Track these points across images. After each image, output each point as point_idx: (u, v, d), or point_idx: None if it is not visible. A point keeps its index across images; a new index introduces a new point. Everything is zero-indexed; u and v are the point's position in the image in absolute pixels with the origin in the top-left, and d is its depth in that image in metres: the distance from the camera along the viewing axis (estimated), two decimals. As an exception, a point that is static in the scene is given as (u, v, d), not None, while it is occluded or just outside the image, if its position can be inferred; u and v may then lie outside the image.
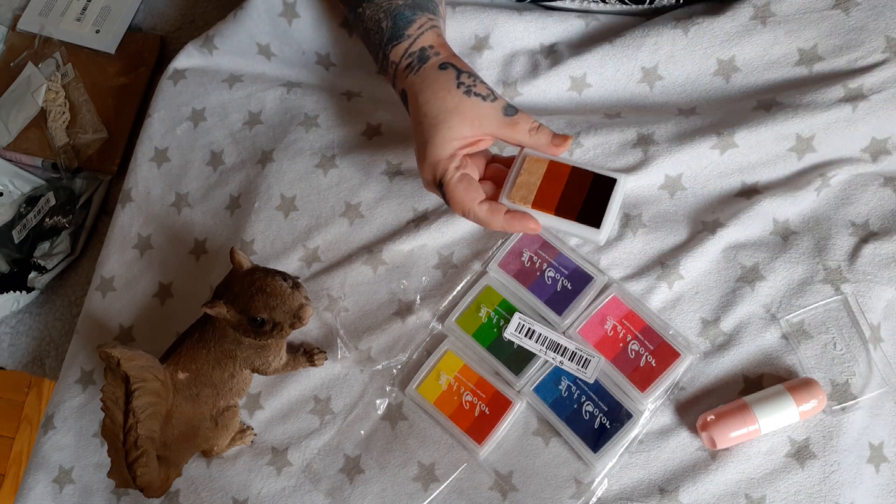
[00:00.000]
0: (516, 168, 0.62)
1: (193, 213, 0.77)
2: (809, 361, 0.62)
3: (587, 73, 0.73)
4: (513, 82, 0.74)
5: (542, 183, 0.61)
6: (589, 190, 0.60)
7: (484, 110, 0.61)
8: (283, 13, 0.78)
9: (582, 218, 0.60)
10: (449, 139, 0.61)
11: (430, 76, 0.63)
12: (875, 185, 0.66)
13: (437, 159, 0.61)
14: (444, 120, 0.61)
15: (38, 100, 0.91)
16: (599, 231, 0.59)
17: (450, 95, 0.61)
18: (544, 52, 0.75)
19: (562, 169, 0.62)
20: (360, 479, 0.65)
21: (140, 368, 0.60)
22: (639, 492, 0.61)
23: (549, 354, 0.65)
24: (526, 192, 0.61)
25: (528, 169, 0.62)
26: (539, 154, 0.62)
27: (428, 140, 0.61)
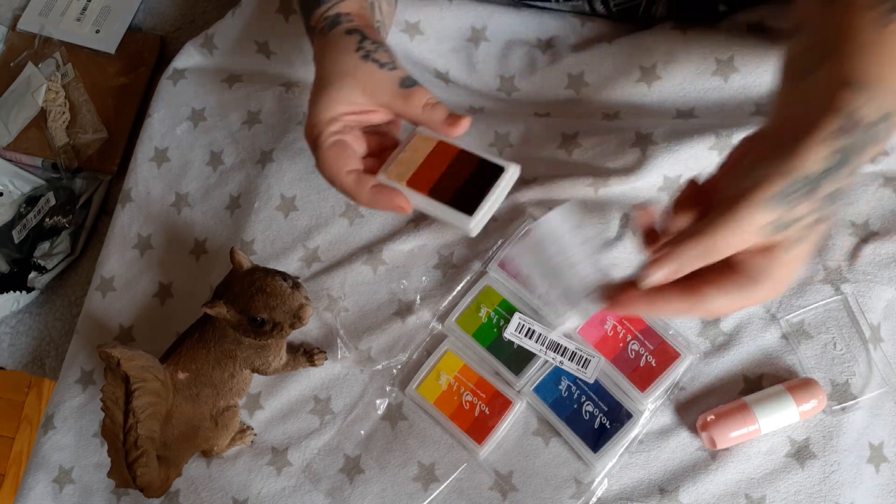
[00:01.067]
0: (402, 144, 0.57)
1: (193, 213, 0.77)
2: (809, 361, 0.62)
3: (585, 70, 0.73)
4: (510, 77, 0.74)
5: (423, 162, 0.56)
6: (472, 175, 0.55)
7: (378, 77, 0.56)
8: (279, 9, 0.78)
9: (455, 203, 0.54)
10: (334, 100, 0.56)
11: (334, 40, 0.59)
12: (875, 185, 0.66)
13: (317, 119, 0.56)
14: (334, 81, 0.56)
15: (38, 100, 0.91)
16: (471, 219, 0.53)
17: (346, 58, 0.57)
18: (542, 46, 0.75)
19: (449, 150, 0.56)
20: (360, 479, 0.65)
21: (140, 368, 0.60)
22: (639, 492, 0.61)
23: (549, 354, 0.65)
24: (404, 169, 0.56)
25: (414, 146, 0.57)
26: (432, 134, 0.56)
27: (314, 100, 0.57)
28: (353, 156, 0.56)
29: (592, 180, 0.68)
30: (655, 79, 0.72)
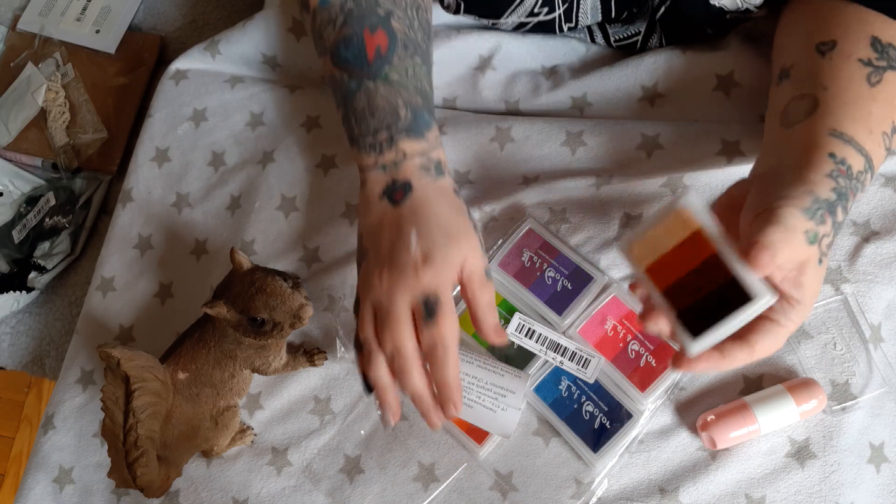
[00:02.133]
0: (659, 215, 0.50)
1: (194, 213, 0.77)
2: (809, 361, 0.63)
3: (587, 92, 0.73)
4: (514, 101, 0.75)
5: (673, 250, 0.50)
6: (716, 290, 0.48)
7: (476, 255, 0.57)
8: (292, 28, 0.78)
9: (685, 316, 0.49)
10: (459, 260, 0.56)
11: (448, 193, 0.60)
12: (876, 185, 0.66)
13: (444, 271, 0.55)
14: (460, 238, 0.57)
15: (38, 100, 0.91)
16: (693, 342, 0.49)
17: (465, 221, 0.58)
18: (545, 73, 0.76)
19: (704, 247, 0.49)
20: (360, 479, 0.65)
21: (140, 368, 0.60)
22: (639, 492, 0.61)
23: (550, 354, 0.65)
24: (649, 251, 0.50)
25: (669, 225, 0.50)
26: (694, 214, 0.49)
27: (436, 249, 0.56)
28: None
29: (595, 179, 0.69)
30: (657, 96, 0.72)
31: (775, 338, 0.52)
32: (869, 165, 0.54)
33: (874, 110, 0.55)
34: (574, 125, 0.72)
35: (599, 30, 0.75)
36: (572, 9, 0.71)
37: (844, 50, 0.56)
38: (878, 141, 0.55)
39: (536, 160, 0.71)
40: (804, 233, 0.48)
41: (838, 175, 0.52)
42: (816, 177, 0.51)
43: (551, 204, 0.69)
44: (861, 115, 0.55)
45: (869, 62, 0.56)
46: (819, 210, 0.50)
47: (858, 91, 0.55)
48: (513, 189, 0.70)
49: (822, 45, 0.58)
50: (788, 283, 0.50)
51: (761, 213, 0.49)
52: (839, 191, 0.52)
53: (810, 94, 0.56)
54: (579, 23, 0.73)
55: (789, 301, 0.51)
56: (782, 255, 0.47)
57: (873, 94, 0.55)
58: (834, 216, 0.51)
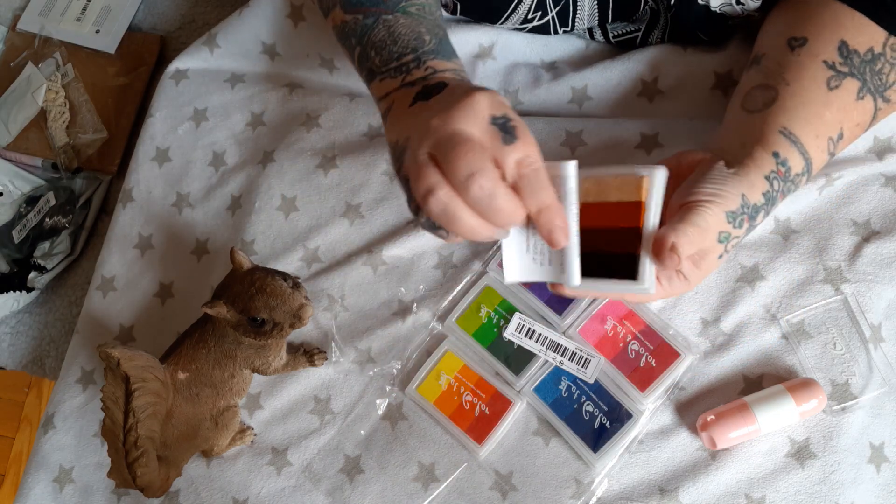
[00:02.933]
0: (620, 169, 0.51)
1: (194, 213, 0.77)
2: (809, 361, 0.62)
3: (588, 84, 0.73)
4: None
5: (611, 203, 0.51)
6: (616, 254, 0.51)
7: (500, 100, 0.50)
8: (290, 14, 0.78)
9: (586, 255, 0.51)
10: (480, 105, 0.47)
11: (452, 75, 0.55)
12: (877, 184, 0.66)
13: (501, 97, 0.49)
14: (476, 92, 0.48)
15: (38, 100, 0.91)
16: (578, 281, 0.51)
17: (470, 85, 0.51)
18: (545, 66, 0.76)
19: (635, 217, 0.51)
20: (360, 479, 0.65)
21: (140, 368, 0.60)
22: (639, 492, 0.61)
23: (549, 354, 0.65)
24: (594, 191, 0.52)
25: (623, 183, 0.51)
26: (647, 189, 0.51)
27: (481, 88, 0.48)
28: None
29: None
30: (657, 93, 0.72)
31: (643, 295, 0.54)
32: (807, 168, 0.57)
33: (826, 115, 0.57)
34: (573, 124, 0.72)
35: (598, 27, 0.75)
36: (568, 13, 0.72)
37: (813, 49, 0.58)
38: (823, 146, 0.57)
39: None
40: (718, 232, 0.52)
41: (775, 177, 0.55)
42: (754, 177, 0.55)
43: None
44: (813, 117, 0.57)
45: (833, 66, 0.57)
46: (742, 216, 0.53)
47: (816, 93, 0.57)
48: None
49: (793, 39, 0.59)
50: (687, 263, 0.54)
51: (687, 204, 0.52)
52: (769, 196, 0.55)
53: (773, 86, 0.58)
54: (576, 27, 0.74)
55: (677, 274, 0.55)
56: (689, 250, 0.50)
57: (829, 99, 0.57)
58: (753, 221, 0.55)
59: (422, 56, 0.56)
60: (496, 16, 0.73)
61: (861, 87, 0.57)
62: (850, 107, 0.57)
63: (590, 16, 0.72)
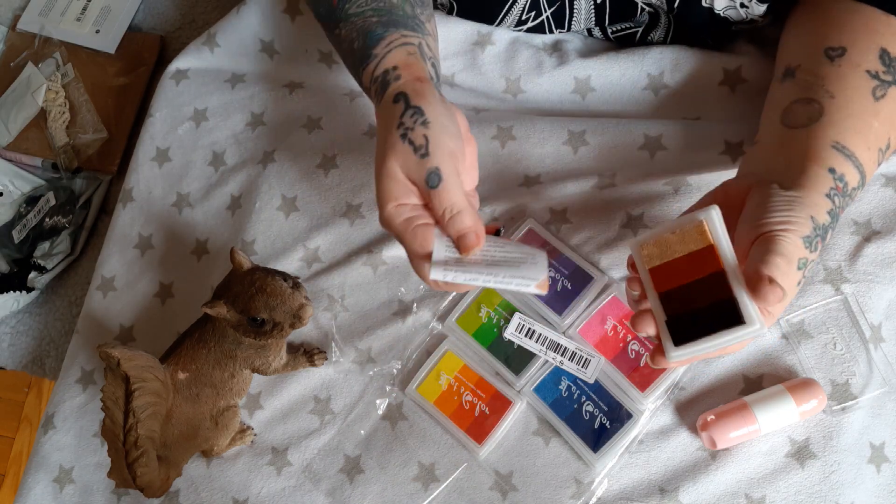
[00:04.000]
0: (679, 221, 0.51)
1: (194, 213, 0.77)
2: (809, 361, 0.62)
3: (592, 75, 0.73)
4: (516, 78, 0.74)
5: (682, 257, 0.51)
6: (711, 306, 0.49)
7: (412, 164, 0.53)
8: (286, 9, 0.78)
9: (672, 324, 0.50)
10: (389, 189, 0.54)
11: (385, 110, 0.56)
12: (877, 184, 0.66)
13: (386, 213, 0.54)
14: (383, 164, 0.54)
15: (38, 100, 0.91)
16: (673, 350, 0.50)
17: (390, 136, 0.54)
18: (548, 50, 0.75)
19: (711, 261, 0.50)
20: (360, 479, 0.65)
21: (140, 368, 0.60)
22: (639, 492, 0.61)
23: (550, 354, 0.65)
24: (659, 252, 0.51)
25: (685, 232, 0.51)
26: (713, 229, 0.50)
27: (376, 182, 0.55)
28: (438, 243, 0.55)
29: (597, 179, 0.68)
30: (662, 87, 0.72)
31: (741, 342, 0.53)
32: (862, 181, 0.56)
33: (875, 125, 0.56)
34: (576, 124, 0.71)
35: (596, 27, 0.74)
36: (564, 16, 0.71)
37: (853, 58, 0.57)
38: (874, 158, 0.56)
39: (538, 159, 0.71)
40: (798, 259, 0.50)
41: (835, 194, 0.53)
42: (817, 197, 0.52)
43: (552, 204, 0.69)
44: (863, 128, 0.55)
45: (876, 75, 0.56)
46: (816, 238, 0.51)
47: (863, 104, 0.56)
48: (514, 189, 0.70)
49: (831, 49, 0.58)
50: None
51: (764, 235, 0.50)
52: (833, 213, 0.53)
53: (817, 100, 0.57)
54: (572, 28, 0.73)
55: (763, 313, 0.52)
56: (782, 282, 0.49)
57: (876, 109, 0.56)
58: (824, 241, 0.53)
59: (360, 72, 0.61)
60: (491, 17, 0.72)
61: None
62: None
63: (586, 18, 0.72)
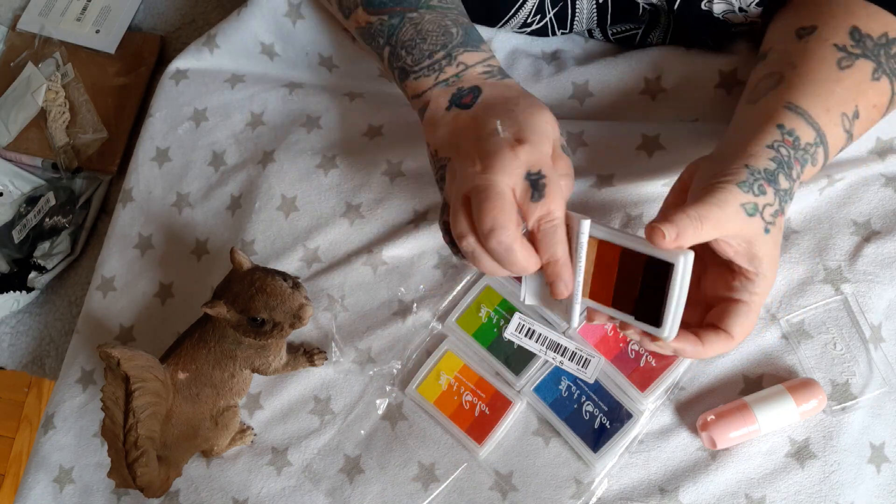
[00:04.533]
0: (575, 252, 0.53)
1: (194, 213, 0.77)
2: (809, 361, 0.62)
3: (589, 80, 0.73)
4: None
5: (595, 270, 0.53)
6: (644, 277, 0.51)
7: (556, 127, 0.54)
8: (287, 13, 0.78)
9: (640, 314, 0.52)
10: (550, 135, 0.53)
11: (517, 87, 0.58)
12: (877, 184, 0.66)
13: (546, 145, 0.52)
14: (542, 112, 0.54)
15: (38, 100, 0.91)
16: (661, 330, 0.51)
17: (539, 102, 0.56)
18: (546, 58, 0.76)
19: (612, 251, 0.52)
20: (360, 479, 0.65)
21: (140, 368, 0.60)
22: (639, 492, 0.61)
23: (549, 354, 0.65)
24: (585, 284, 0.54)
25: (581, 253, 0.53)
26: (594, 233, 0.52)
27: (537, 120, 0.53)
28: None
29: (595, 180, 0.68)
30: (660, 91, 0.72)
31: (746, 316, 0.53)
32: (821, 140, 0.55)
33: (837, 90, 0.55)
34: (574, 126, 0.71)
35: (597, 28, 0.75)
36: (566, 16, 0.71)
37: (823, 35, 0.57)
38: (836, 120, 0.55)
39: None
40: (741, 206, 0.50)
41: (780, 145, 0.53)
42: (756, 148, 0.52)
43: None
44: (822, 92, 0.55)
45: (843, 48, 0.56)
46: (756, 181, 0.51)
47: (826, 73, 0.55)
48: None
49: (802, 29, 0.58)
50: (742, 258, 0.51)
51: (700, 189, 0.51)
52: (779, 160, 0.52)
53: (778, 71, 0.57)
54: (574, 29, 0.73)
55: (747, 276, 0.52)
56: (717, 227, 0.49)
57: (839, 77, 0.55)
58: (775, 184, 0.51)
59: (452, 52, 0.59)
60: (495, 19, 0.72)
61: (876, 69, 0.56)
62: (865, 86, 0.56)
63: (588, 19, 0.72)
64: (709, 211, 0.49)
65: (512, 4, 0.70)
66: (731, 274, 0.53)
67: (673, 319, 0.51)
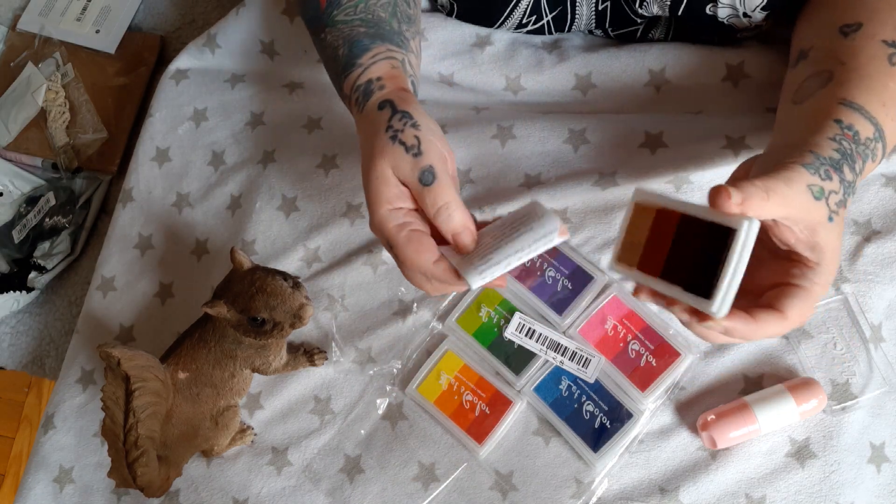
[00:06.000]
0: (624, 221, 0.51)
1: (194, 212, 0.77)
2: (809, 361, 0.62)
3: (593, 71, 0.73)
4: (516, 76, 0.74)
5: (648, 238, 0.49)
6: (702, 245, 0.46)
7: (402, 163, 0.53)
8: (284, 10, 0.78)
9: (691, 285, 0.46)
10: (381, 191, 0.54)
11: (368, 116, 0.57)
12: (877, 184, 0.66)
13: (379, 217, 0.54)
14: (374, 165, 0.54)
15: (38, 100, 0.91)
16: (711, 303, 0.45)
17: (377, 139, 0.54)
18: (548, 48, 0.75)
19: (671, 217, 0.48)
20: (360, 479, 0.65)
21: (140, 368, 0.60)
22: (639, 491, 0.61)
23: (550, 354, 0.65)
24: (631, 253, 0.50)
25: (634, 223, 0.50)
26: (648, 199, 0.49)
27: (367, 197, 0.55)
28: (431, 245, 0.54)
29: (598, 178, 0.68)
30: (664, 82, 0.72)
31: (804, 302, 0.49)
32: (880, 135, 0.53)
33: (891, 86, 0.53)
34: (577, 122, 0.71)
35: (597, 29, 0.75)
36: (565, 21, 0.71)
37: (869, 31, 0.55)
38: (893, 115, 0.53)
39: (538, 158, 0.71)
40: (808, 187, 0.47)
41: (842, 138, 0.51)
42: (819, 139, 0.50)
43: (552, 203, 0.69)
44: (876, 88, 0.53)
45: (893, 44, 0.54)
46: (822, 166, 0.48)
47: (878, 67, 0.54)
48: (514, 189, 0.70)
49: (846, 26, 0.57)
50: (803, 246, 0.49)
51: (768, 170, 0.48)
52: (843, 151, 0.50)
53: (826, 69, 0.55)
54: (572, 31, 0.73)
55: (808, 264, 0.49)
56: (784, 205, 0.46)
57: (892, 72, 0.54)
58: (840, 173, 0.49)
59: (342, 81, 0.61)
60: (492, 20, 0.72)
61: None
62: None
63: (587, 23, 0.72)
64: (777, 185, 0.46)
65: (506, 6, 0.70)
66: (790, 264, 0.50)
67: (727, 292, 0.45)
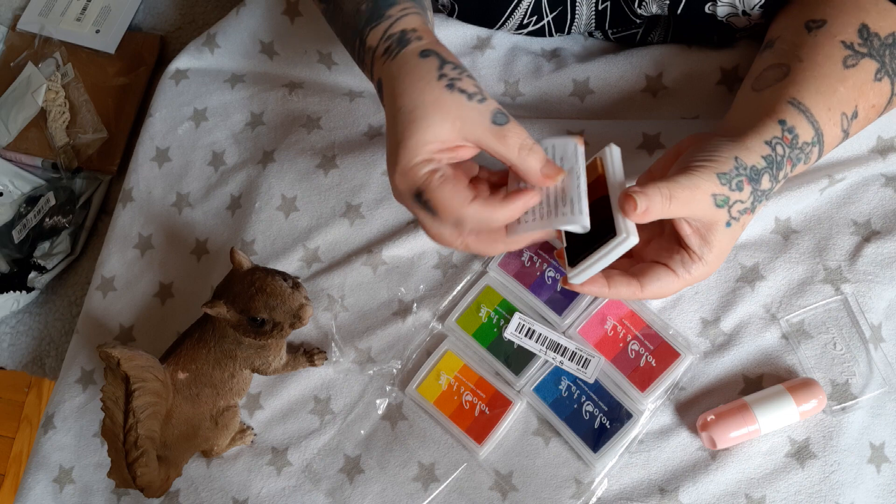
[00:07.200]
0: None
1: (194, 213, 0.77)
2: (809, 361, 0.63)
3: (590, 77, 0.73)
4: (514, 81, 0.74)
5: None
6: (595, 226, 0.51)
7: (467, 112, 0.50)
8: (285, 11, 0.78)
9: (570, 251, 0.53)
10: (425, 141, 0.50)
11: (410, 63, 0.53)
12: (877, 184, 0.66)
13: (412, 164, 0.50)
14: (422, 116, 0.50)
15: (38, 100, 0.91)
16: (571, 272, 0.52)
17: (429, 88, 0.51)
18: (546, 55, 0.75)
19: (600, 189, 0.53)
20: (360, 479, 0.65)
21: (140, 368, 0.60)
22: (639, 492, 0.61)
23: (550, 354, 0.65)
24: None
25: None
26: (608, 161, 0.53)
27: (401, 140, 0.51)
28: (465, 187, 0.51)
29: None
30: (661, 88, 0.72)
31: (666, 283, 0.54)
32: (818, 139, 0.56)
33: (840, 90, 0.56)
34: (574, 125, 0.71)
35: (597, 30, 0.75)
36: (565, 21, 0.71)
37: (831, 30, 0.57)
38: (836, 120, 0.56)
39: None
40: (712, 196, 0.51)
41: (778, 143, 0.54)
42: (753, 142, 0.54)
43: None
44: (826, 90, 0.56)
45: (850, 46, 0.57)
46: (738, 177, 0.52)
47: (830, 69, 0.56)
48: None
49: (812, 22, 0.59)
50: (695, 238, 0.53)
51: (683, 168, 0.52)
52: (771, 159, 0.54)
53: (785, 62, 0.58)
54: (572, 32, 0.73)
55: (690, 255, 0.53)
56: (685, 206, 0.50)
57: (844, 76, 0.56)
58: (756, 184, 0.53)
59: (364, 37, 0.58)
60: (492, 20, 0.72)
61: (879, 69, 0.56)
62: (867, 87, 0.57)
63: (587, 24, 0.72)
64: (680, 192, 0.50)
65: (507, 6, 0.70)
66: (676, 248, 0.54)
67: (584, 271, 0.52)
